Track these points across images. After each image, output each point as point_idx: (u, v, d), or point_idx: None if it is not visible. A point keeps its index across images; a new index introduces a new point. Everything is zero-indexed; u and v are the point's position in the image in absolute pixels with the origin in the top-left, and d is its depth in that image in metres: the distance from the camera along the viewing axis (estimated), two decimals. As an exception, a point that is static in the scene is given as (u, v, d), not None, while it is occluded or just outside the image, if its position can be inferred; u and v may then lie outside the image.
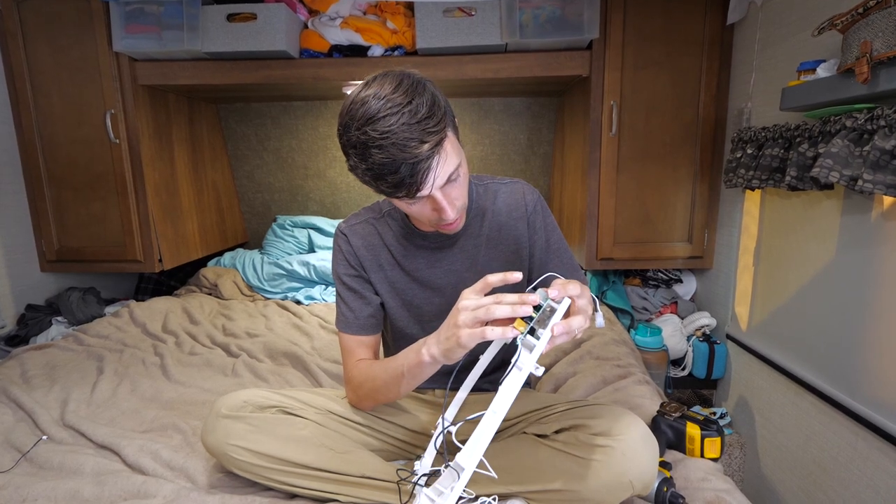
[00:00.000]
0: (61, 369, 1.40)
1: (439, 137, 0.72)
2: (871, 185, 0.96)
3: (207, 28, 1.62)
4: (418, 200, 0.76)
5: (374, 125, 0.69)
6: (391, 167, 0.70)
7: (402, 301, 0.97)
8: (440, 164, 0.72)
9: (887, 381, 1.07)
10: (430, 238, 0.94)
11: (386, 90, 0.70)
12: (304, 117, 2.31)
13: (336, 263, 0.97)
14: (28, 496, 0.87)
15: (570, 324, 0.65)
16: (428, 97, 0.72)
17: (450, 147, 0.74)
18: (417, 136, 0.69)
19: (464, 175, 0.80)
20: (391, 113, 0.69)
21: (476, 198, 0.96)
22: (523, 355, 0.66)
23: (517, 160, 2.34)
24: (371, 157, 0.70)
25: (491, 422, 0.65)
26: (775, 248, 1.45)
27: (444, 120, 0.73)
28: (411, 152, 0.69)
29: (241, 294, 2.11)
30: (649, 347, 1.72)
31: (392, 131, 0.68)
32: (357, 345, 0.95)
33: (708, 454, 0.97)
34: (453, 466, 0.65)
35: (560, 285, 0.67)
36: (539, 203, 0.98)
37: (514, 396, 0.65)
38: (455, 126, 0.79)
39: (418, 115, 0.69)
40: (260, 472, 0.85)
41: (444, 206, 0.77)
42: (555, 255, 0.98)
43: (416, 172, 0.70)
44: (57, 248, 1.84)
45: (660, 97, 1.70)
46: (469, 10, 1.61)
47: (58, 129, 1.75)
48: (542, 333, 0.65)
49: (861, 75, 0.97)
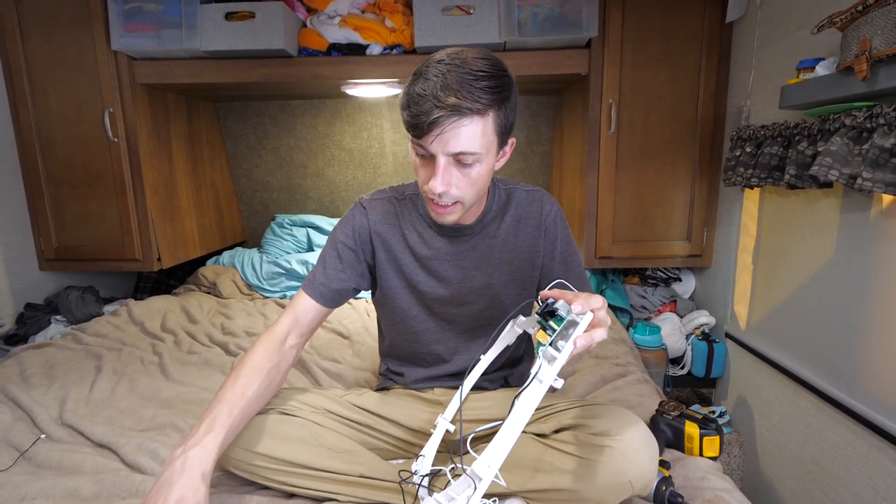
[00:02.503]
0: (60, 368, 1.40)
1: (475, 107, 0.73)
2: (870, 183, 0.96)
3: (206, 26, 1.62)
4: (426, 154, 0.78)
5: (445, 60, 0.75)
6: (419, 102, 0.73)
7: (405, 282, 0.98)
8: (456, 128, 0.74)
9: (886, 380, 1.07)
10: (445, 229, 0.95)
11: (483, 51, 0.77)
12: (303, 116, 2.31)
13: (340, 227, 0.97)
14: (26, 495, 0.87)
15: (593, 336, 0.65)
16: (498, 81, 0.75)
17: (480, 131, 0.76)
18: (456, 89, 0.72)
19: (477, 175, 0.80)
20: (465, 63, 0.74)
21: (497, 200, 0.97)
22: (544, 367, 0.65)
23: (516, 159, 2.34)
24: (417, 83, 0.75)
25: (510, 433, 0.64)
26: (774, 246, 1.45)
27: (492, 107, 0.75)
28: (440, 97, 0.72)
29: (239, 293, 2.10)
30: (648, 346, 1.72)
31: (450, 72, 0.73)
32: (303, 311, 0.92)
33: (707, 453, 0.97)
34: (469, 474, 0.64)
35: (583, 299, 0.67)
36: (558, 214, 0.98)
37: (534, 408, 0.64)
38: (505, 132, 0.81)
39: (483, 71, 0.74)
40: (258, 471, 0.85)
41: (437, 173, 0.77)
42: (567, 267, 0.99)
43: (431, 116, 0.73)
44: (55, 247, 1.84)
45: (659, 95, 1.70)
46: (468, 8, 1.61)
47: (56, 127, 1.75)
48: (563, 346, 0.64)
49: (860, 73, 0.97)
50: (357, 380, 1.35)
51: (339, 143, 2.34)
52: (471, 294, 0.98)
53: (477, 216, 0.95)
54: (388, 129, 2.32)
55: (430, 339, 1.01)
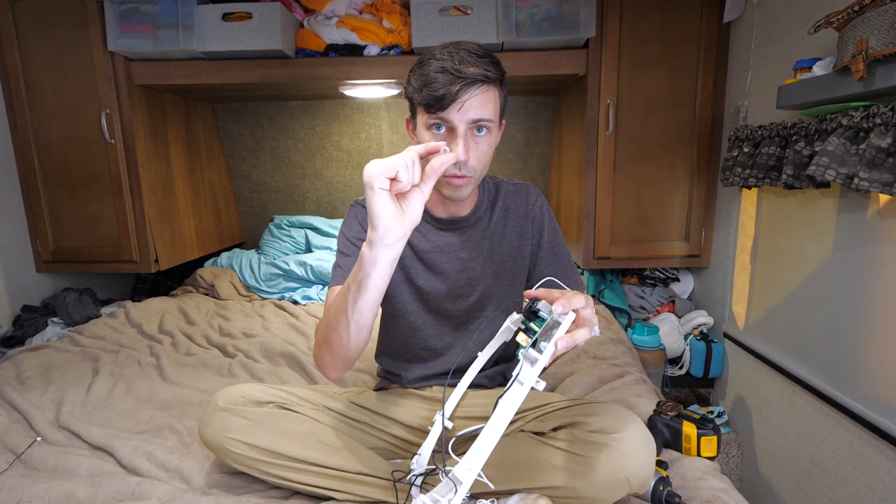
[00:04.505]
0: (56, 370, 1.39)
1: (490, 77, 0.80)
2: (867, 183, 0.96)
3: (203, 27, 1.62)
4: (444, 129, 0.81)
5: (447, 47, 0.81)
6: (440, 77, 0.78)
7: (404, 277, 0.99)
8: (477, 96, 0.79)
9: (884, 380, 1.07)
10: (442, 222, 0.98)
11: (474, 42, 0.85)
12: (301, 117, 2.30)
13: (347, 227, 0.98)
14: (22, 498, 0.86)
15: (574, 337, 0.64)
16: (496, 60, 0.83)
17: (493, 101, 0.82)
18: (472, 61, 0.79)
19: (488, 146, 0.85)
20: (464, 46, 0.81)
21: (487, 193, 1.01)
22: (525, 369, 0.64)
23: (514, 159, 2.34)
24: (430, 66, 0.80)
25: (490, 436, 0.63)
26: (772, 246, 1.45)
27: (498, 80, 0.82)
28: (460, 69, 0.78)
29: (237, 294, 2.10)
30: (646, 346, 1.72)
31: (456, 52, 0.80)
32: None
33: (705, 453, 0.97)
34: (451, 478, 0.64)
35: (565, 299, 0.66)
36: (544, 205, 1.04)
37: (514, 411, 0.63)
38: (503, 112, 0.88)
39: (483, 52, 0.81)
40: (256, 465, 0.85)
41: (460, 142, 0.80)
42: (555, 256, 1.02)
43: (455, 87, 0.77)
44: (52, 249, 1.83)
45: (656, 96, 1.70)
46: (465, 8, 1.61)
47: (53, 129, 1.74)
48: (545, 346, 0.64)
49: (857, 73, 0.97)
50: (356, 381, 1.35)
51: (337, 143, 2.34)
52: (466, 286, 0.99)
53: (471, 208, 0.98)
54: (385, 129, 2.31)
55: (427, 335, 1.02)
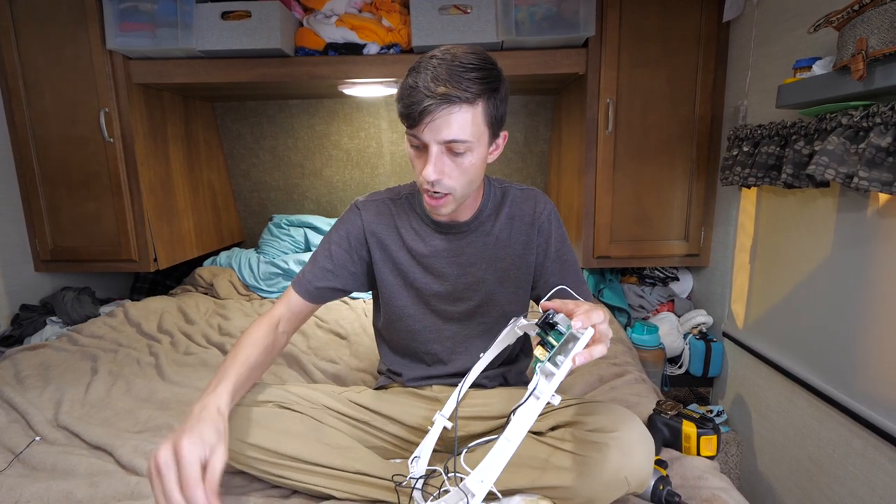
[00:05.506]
0: (55, 369, 1.39)
1: (463, 96, 0.76)
2: (866, 182, 0.96)
3: (202, 26, 1.61)
4: (419, 145, 0.80)
5: (438, 54, 0.79)
6: (411, 93, 0.77)
7: (403, 281, 0.99)
8: (446, 116, 0.77)
9: (883, 379, 1.07)
10: (441, 226, 0.96)
11: (474, 48, 0.81)
12: (300, 116, 2.30)
13: (335, 229, 0.99)
14: (21, 498, 0.86)
15: (592, 353, 0.64)
16: (486, 73, 0.78)
17: (470, 119, 0.78)
18: (445, 79, 0.76)
19: (469, 165, 0.82)
20: (456, 56, 0.78)
21: (492, 198, 0.99)
22: (542, 384, 0.63)
23: (514, 158, 2.34)
24: (409, 77, 0.79)
25: (505, 449, 0.63)
26: (771, 245, 1.45)
27: (481, 97, 0.78)
28: (430, 88, 0.76)
29: (237, 293, 2.10)
30: (646, 345, 1.72)
31: (441, 64, 0.77)
32: (293, 304, 0.95)
33: (704, 452, 0.97)
34: (462, 488, 0.63)
35: (584, 314, 0.65)
36: (553, 213, 1.00)
37: (530, 425, 0.63)
38: (496, 124, 0.84)
39: (474, 63, 0.77)
40: (255, 464, 0.85)
41: (430, 161, 0.79)
42: (562, 265, 1.00)
43: (422, 105, 0.76)
44: (51, 248, 1.83)
45: (656, 95, 1.70)
46: (465, 7, 1.60)
47: (51, 127, 1.74)
48: (562, 361, 0.63)
49: (857, 72, 0.97)
50: (355, 380, 1.35)
51: (336, 142, 2.33)
52: (466, 290, 0.98)
53: (473, 213, 0.96)
54: (385, 128, 2.31)
55: (428, 338, 1.01)
